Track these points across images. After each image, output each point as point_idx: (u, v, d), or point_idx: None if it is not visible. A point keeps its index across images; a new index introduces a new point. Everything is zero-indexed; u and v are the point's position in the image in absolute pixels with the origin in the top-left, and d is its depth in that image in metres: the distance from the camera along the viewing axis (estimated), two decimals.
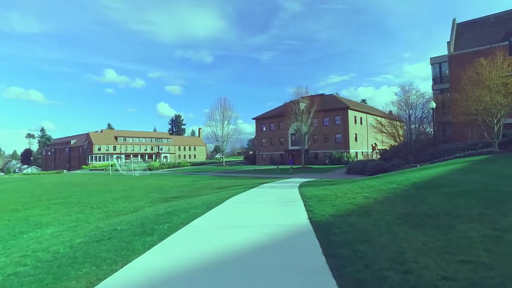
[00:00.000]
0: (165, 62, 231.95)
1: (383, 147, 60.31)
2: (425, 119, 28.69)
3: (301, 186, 16.17)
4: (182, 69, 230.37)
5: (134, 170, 41.25)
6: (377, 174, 26.12)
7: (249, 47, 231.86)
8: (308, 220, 6.24)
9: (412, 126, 27.89)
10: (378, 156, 39.79)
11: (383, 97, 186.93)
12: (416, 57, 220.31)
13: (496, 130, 18.37)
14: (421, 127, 28.12)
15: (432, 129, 32.33)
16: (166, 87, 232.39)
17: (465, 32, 33.03)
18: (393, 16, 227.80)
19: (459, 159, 17.32)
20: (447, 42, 31.63)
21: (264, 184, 18.72)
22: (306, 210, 7.35)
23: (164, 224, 6.32)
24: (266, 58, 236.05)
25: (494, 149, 17.76)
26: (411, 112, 27.10)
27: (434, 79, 34.82)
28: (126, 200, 19.09)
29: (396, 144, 29.34)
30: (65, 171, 69.39)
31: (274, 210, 8.07)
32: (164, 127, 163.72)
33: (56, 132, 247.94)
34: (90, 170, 74.84)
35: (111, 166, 49.85)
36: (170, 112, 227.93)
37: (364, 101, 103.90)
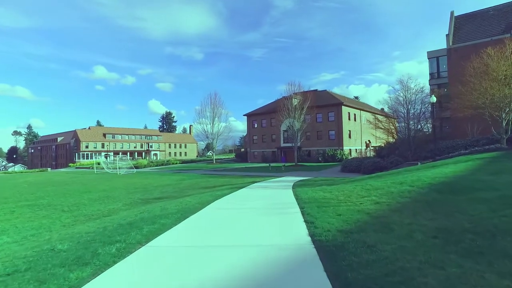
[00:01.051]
0: (155, 59, 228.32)
1: (377, 144, 59.32)
2: (422, 115, 27.47)
3: (295, 186, 14.62)
4: (173, 66, 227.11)
5: (119, 168, 39.22)
6: (374, 172, 24.75)
7: (240, 45, 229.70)
8: (310, 238, 4.65)
9: (410, 122, 26.62)
10: (373, 153, 38.54)
11: (374, 95, 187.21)
12: (406, 55, 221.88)
13: (504, 125, 17.09)
14: (419, 123, 26.84)
15: (428, 126, 31.20)
16: (156, 84, 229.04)
17: (463, 25, 31.85)
18: (383, 15, 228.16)
19: (465, 156, 15.97)
20: (446, 35, 30.41)
21: (255, 184, 17.13)
22: (305, 221, 5.77)
23: (114, 245, 4.67)
24: (257, 56, 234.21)
25: (502, 145, 16.48)
26: (409, 107, 25.77)
27: (431, 74, 33.61)
28: (104, 201, 17.31)
29: (393, 141, 28.03)
30: (49, 169, 66.73)
31: (265, 220, 6.48)
32: (155, 125, 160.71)
33: (45, 130, 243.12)
34: (76, 168, 72.36)
35: (97, 164, 47.63)
36: (161, 110, 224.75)
37: (356, 98, 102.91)
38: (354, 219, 5.57)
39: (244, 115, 61.75)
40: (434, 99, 22.51)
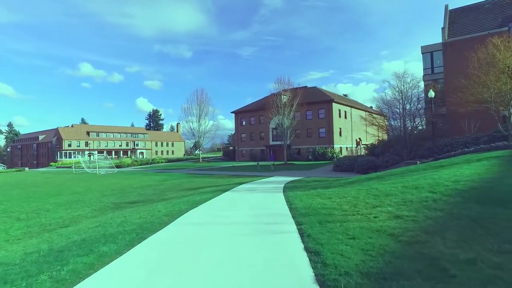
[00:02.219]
0: (143, 57, 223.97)
1: (368, 142, 58.35)
2: (417, 112, 26.21)
3: (286, 188, 13.00)
4: (161, 64, 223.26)
5: (99, 168, 36.90)
6: (369, 172, 23.37)
7: (230, 43, 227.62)
8: None
9: (406, 119, 25.34)
10: (365, 152, 37.26)
11: (362, 94, 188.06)
12: (394, 54, 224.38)
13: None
14: (414, 120, 25.60)
15: (423, 123, 29.99)
16: (145, 82, 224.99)
17: (458, 18, 30.77)
18: (372, 14, 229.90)
19: (471, 154, 14.63)
20: (442, 28, 29.27)
21: (241, 186, 15.44)
22: (306, 250, 4.08)
23: None
24: (247, 54, 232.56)
25: (510, 142, 15.21)
26: (405, 103, 24.47)
27: (425, 69, 32.48)
28: (71, 206, 15.36)
29: (387, 138, 26.74)
30: (26, 169, 63.46)
31: (249, 247, 4.73)
32: (143, 123, 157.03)
33: (28, 128, 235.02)
34: (57, 167, 69.23)
35: (75, 163, 45.04)
36: (149, 108, 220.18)
37: (345, 96, 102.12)
38: (377, 246, 3.92)
39: (232, 112, 59.90)
40: (432, 93, 21.20)
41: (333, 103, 47.66)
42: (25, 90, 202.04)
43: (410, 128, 25.06)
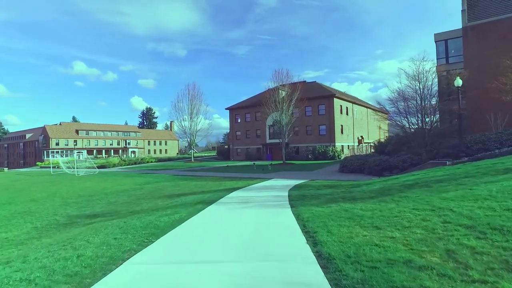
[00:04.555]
0: (137, 55, 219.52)
1: (370, 140, 55.16)
2: (430, 107, 22.81)
3: (293, 199, 9.59)
4: (155, 62, 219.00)
5: (77, 168, 33.20)
6: (384, 174, 20.02)
7: (225, 42, 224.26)
8: None
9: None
10: (372, 150, 34.00)
11: (357, 93, 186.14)
12: (388, 54, 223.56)
13: None
14: (435, 114, 22.35)
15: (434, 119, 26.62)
16: (139, 81, 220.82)
17: (478, 1, 27.50)
18: (366, 14, 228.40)
19: None
20: (462, 11, 26.03)
21: (232, 194, 12.00)
22: None
23: None
24: (242, 53, 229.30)
25: None
26: (424, 92, 21.20)
27: (439, 59, 29.21)
28: (10, 221, 11.85)
29: (400, 135, 23.50)
30: (5, 169, 59.34)
31: None
32: (137, 122, 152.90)
33: (20, 127, 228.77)
34: (41, 167, 65.32)
35: (53, 164, 41.30)
36: (144, 106, 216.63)
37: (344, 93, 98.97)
38: None
39: (226, 109, 56.35)
40: (459, 81, 17.94)
41: (335, 98, 44.36)
42: (17, 89, 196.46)
43: (429, 122, 21.80)
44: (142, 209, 11.56)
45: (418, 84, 21.42)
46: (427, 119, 21.45)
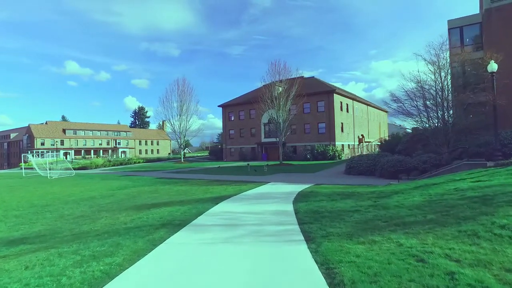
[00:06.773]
0: (130, 55, 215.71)
1: (371, 139, 52.28)
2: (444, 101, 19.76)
3: (304, 218, 6.40)
4: (149, 62, 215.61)
5: (50, 170, 29.68)
6: (400, 177, 16.96)
7: (219, 42, 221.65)
8: None
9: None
10: (378, 149, 30.94)
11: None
12: (382, 54, 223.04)
13: None
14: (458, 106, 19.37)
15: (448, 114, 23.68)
16: (132, 81, 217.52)
17: None
18: (361, 15, 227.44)
19: None
20: None
21: (217, 208, 8.74)
22: None
23: None
24: (236, 53, 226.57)
25: None
26: (448, 83, 18.21)
27: (453, 48, 26.21)
28: None
29: (421, 130, 20.45)
30: None
31: None
32: (128, 121, 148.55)
33: (11, 127, 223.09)
34: (21, 169, 61.36)
35: (24, 165, 37.66)
36: (137, 106, 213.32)
37: None
38: None
39: (219, 106, 52.95)
40: (494, 66, 14.91)
41: (335, 94, 41.30)
42: (9, 88, 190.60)
43: (451, 117, 18.82)
44: (92, 229, 8.30)
45: (439, 72, 18.40)
46: (450, 111, 18.43)
